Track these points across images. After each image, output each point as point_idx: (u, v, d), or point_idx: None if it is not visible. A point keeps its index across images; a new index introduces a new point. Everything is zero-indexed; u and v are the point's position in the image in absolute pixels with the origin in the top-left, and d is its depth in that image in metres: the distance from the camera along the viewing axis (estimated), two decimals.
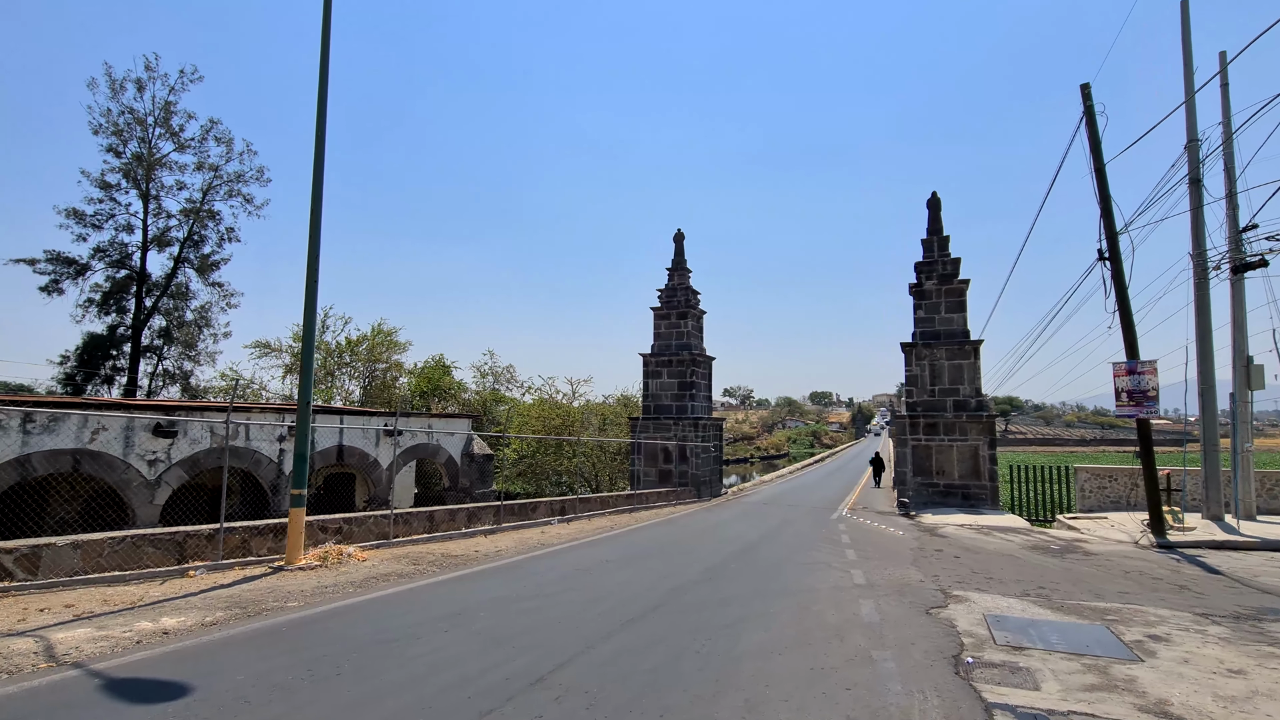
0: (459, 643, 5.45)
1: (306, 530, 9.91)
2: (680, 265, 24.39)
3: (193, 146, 36.84)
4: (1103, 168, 13.51)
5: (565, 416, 30.50)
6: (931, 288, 20.32)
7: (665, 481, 22.59)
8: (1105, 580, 8.97)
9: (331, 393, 38.22)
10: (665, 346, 23.85)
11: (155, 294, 36.06)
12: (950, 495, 19.16)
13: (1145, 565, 10.33)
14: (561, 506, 15.44)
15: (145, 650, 5.15)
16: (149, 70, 35.54)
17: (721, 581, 8.32)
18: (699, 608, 6.85)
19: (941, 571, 9.43)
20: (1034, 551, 11.73)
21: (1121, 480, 17.76)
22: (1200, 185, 14.40)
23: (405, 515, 11.44)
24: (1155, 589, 8.44)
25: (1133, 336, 13.22)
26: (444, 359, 42.36)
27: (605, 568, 9.23)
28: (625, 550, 10.94)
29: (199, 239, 37.33)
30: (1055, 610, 7.04)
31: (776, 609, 6.88)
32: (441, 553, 10.24)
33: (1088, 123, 13.76)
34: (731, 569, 9.24)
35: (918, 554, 11.16)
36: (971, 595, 7.80)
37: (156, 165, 35.69)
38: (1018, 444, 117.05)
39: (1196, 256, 14.16)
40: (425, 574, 8.60)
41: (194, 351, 37.35)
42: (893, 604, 7.24)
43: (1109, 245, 13.39)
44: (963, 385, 19.54)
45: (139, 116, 35.27)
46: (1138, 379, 13.18)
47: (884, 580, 8.64)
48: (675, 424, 22.91)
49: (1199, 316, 14.23)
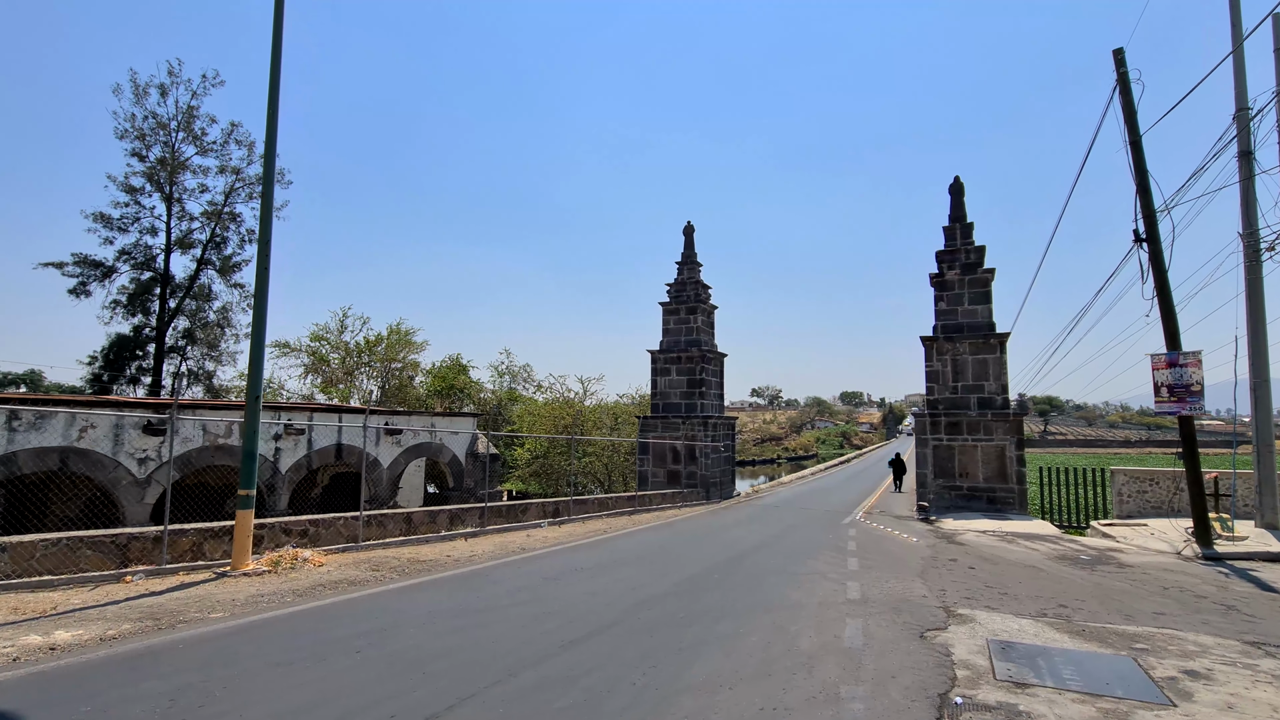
0: (363, 667, 4.78)
1: (268, 533, 9.43)
2: (690, 259, 23.54)
3: (214, 150, 37.39)
4: (1139, 140, 12.27)
5: (575, 416, 29.89)
6: (954, 277, 19.09)
7: (674, 482, 21.77)
8: (1139, 598, 7.90)
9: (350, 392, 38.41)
10: (674, 343, 23.02)
11: (179, 295, 36.69)
12: (974, 499, 17.93)
13: (1187, 580, 9.18)
14: (555, 508, 14.78)
15: (13, 670, 4.61)
16: (172, 75, 36.11)
17: (696, 594, 7.52)
18: (658, 627, 6.07)
19: (950, 585, 8.46)
20: (1060, 562, 10.62)
21: (1164, 484, 16.33)
22: (1251, 158, 13.02)
23: (380, 517, 10.90)
24: (1198, 609, 7.36)
25: (1174, 325, 11.96)
26: (460, 358, 42.31)
27: (575, 576, 8.51)
28: (606, 556, 10.21)
29: (221, 241, 37.84)
30: (1074, 635, 6.07)
31: (746, 630, 6.07)
32: (410, 557, 9.65)
33: (1121, 91, 12.53)
34: (713, 580, 8.42)
35: (928, 564, 10.17)
36: (979, 614, 6.86)
37: (179, 169, 36.28)
38: (1057, 445, 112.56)
39: (1247, 236, 12.78)
40: (381, 581, 8.00)
41: (216, 352, 37.92)
42: (884, 624, 6.35)
43: (1146, 225, 12.14)
44: (987, 381, 18.28)
45: (162, 121, 35.87)
46: (1180, 372, 11.92)
47: (881, 595, 7.73)
48: (684, 423, 22.06)
49: (1250, 302, 12.85)
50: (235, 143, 37.88)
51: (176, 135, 36.34)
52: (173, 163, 35.81)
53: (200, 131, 36.79)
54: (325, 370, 38.00)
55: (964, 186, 19.79)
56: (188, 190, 36.69)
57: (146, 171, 35.46)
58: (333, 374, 39.08)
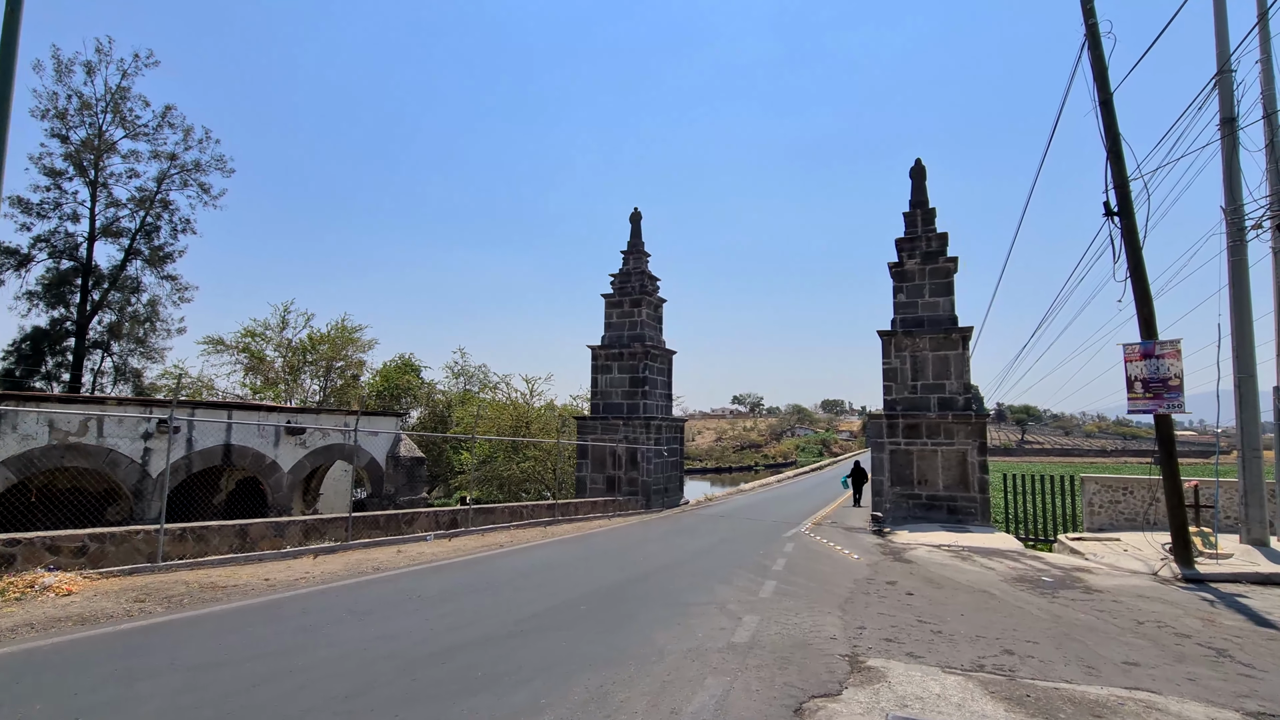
0: None
1: (23, 551, 7.43)
2: (637, 248, 21.77)
3: (147, 134, 35.08)
4: (1109, 98, 10.74)
5: (519, 417, 27.89)
6: (914, 267, 17.52)
7: (612, 489, 19.89)
8: (1107, 638, 6.19)
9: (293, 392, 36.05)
10: (617, 338, 21.19)
11: (103, 287, 34.17)
12: (934, 509, 16.27)
13: (1166, 611, 7.51)
14: (451, 518, 12.84)
15: None
16: (100, 53, 33.81)
17: (530, 638, 5.67)
18: (418, 698, 4.21)
19: (874, 619, 6.70)
20: (1018, 585, 8.93)
21: (1138, 493, 14.80)
22: (1235, 125, 11.56)
23: (200, 530, 8.90)
24: (1180, 655, 5.66)
25: (1149, 311, 10.40)
26: (412, 358, 40.08)
27: (398, 608, 6.61)
28: (468, 580, 8.31)
29: (152, 229, 35.45)
30: (1013, 706, 4.31)
31: (557, 697, 4.23)
32: (208, 583, 7.68)
33: (1090, 45, 11.00)
34: (575, 614, 6.58)
35: (859, 589, 8.42)
36: (894, 667, 5.09)
37: (106, 152, 33.89)
38: (1035, 454, 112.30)
39: (1231, 211, 11.28)
40: (127, 617, 6.05)
41: (145, 348, 35.42)
42: (756, 687, 4.55)
43: (1119, 196, 10.59)
44: (949, 380, 16.68)
45: (87, 101, 33.48)
46: (1156, 364, 10.34)
47: (777, 636, 5.93)
48: (625, 424, 20.21)
49: (1234, 287, 11.35)
50: (170, 126, 35.65)
51: (104, 117, 33.99)
52: (99, 145, 33.42)
53: (130, 113, 34.51)
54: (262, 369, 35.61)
55: (925, 169, 18.28)
56: (115, 175, 34.32)
57: (70, 154, 33.00)
58: (275, 374, 36.72)
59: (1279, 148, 11.81)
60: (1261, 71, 12.05)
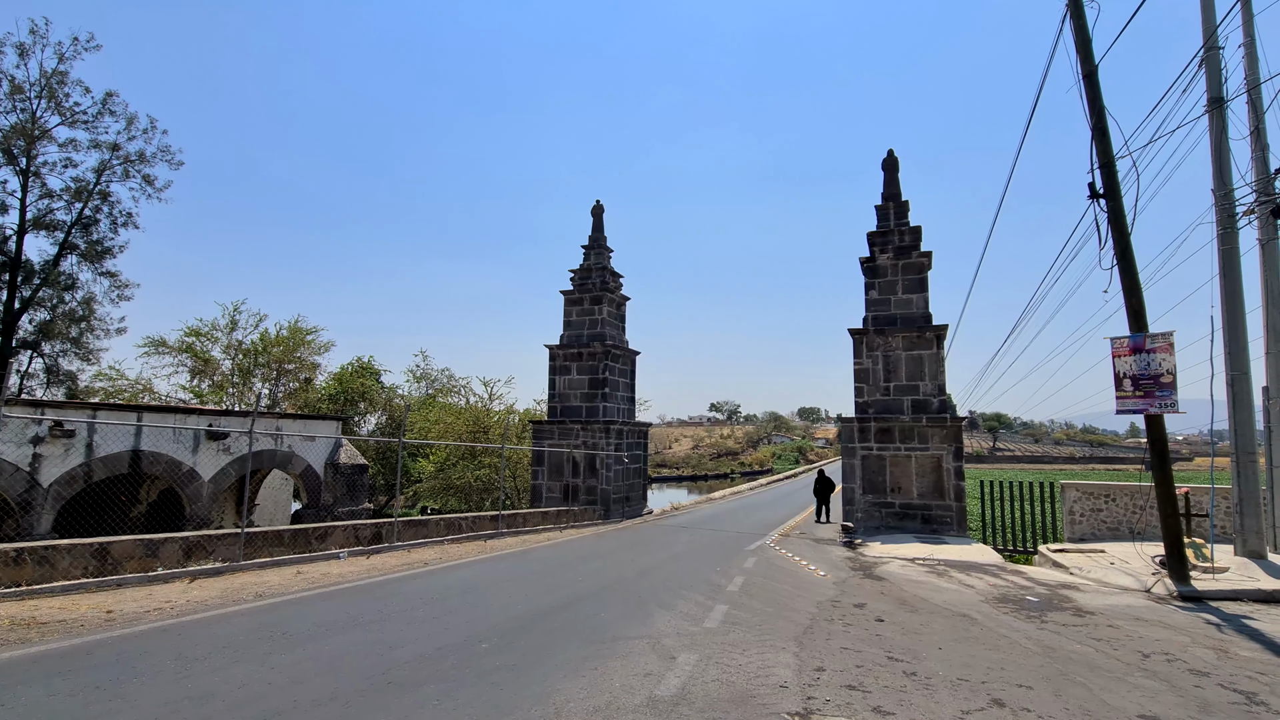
0: None
1: None
2: (598, 243, 20.59)
3: (85, 121, 32.97)
4: (1093, 71, 9.87)
5: (477, 422, 26.42)
6: (886, 262, 16.60)
7: (569, 498, 18.58)
8: (1111, 679, 5.10)
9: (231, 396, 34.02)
10: (576, 337, 19.93)
11: (34, 282, 31.92)
12: (908, 518, 15.27)
13: (1171, 638, 6.48)
14: (374, 533, 11.43)
15: None
16: (35, 34, 31.68)
17: (393, 694, 4.38)
18: None
19: (836, 656, 5.54)
20: (1001, 608, 7.86)
21: (1121, 500, 13.96)
22: (1224, 105, 10.79)
23: (43, 551, 7.41)
24: (1204, 703, 4.59)
25: (1139, 301, 9.50)
26: (372, 361, 38.27)
27: (244, 651, 5.26)
28: (357, 610, 6.96)
29: (89, 222, 33.28)
30: None
31: None
32: (21, 619, 6.22)
33: (1073, 14, 10.15)
34: (472, 653, 5.30)
35: (823, 614, 7.27)
36: None
37: (40, 139, 31.74)
38: (1006, 461, 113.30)
39: (1221, 196, 10.48)
40: None
41: (79, 348, 33.15)
42: None
43: (1104, 176, 9.69)
44: (923, 381, 15.74)
45: (18, 85, 31.33)
46: (1147, 359, 9.42)
47: (715, 685, 4.73)
48: (584, 428, 18.92)
49: (1225, 278, 10.53)
50: (111, 114, 33.55)
51: (37, 102, 31.84)
52: (31, 132, 31.27)
53: (67, 99, 32.42)
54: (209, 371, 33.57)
55: (898, 162, 17.43)
56: (50, 164, 32.14)
57: None
58: (224, 377, 34.67)
59: (1265, 133, 11.11)
60: (1245, 55, 11.36)
